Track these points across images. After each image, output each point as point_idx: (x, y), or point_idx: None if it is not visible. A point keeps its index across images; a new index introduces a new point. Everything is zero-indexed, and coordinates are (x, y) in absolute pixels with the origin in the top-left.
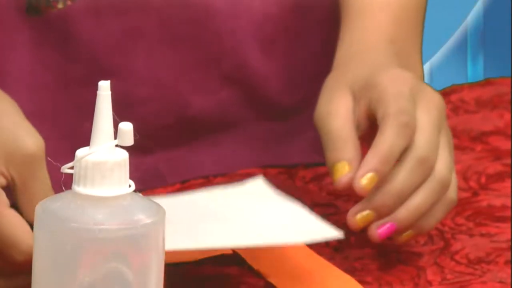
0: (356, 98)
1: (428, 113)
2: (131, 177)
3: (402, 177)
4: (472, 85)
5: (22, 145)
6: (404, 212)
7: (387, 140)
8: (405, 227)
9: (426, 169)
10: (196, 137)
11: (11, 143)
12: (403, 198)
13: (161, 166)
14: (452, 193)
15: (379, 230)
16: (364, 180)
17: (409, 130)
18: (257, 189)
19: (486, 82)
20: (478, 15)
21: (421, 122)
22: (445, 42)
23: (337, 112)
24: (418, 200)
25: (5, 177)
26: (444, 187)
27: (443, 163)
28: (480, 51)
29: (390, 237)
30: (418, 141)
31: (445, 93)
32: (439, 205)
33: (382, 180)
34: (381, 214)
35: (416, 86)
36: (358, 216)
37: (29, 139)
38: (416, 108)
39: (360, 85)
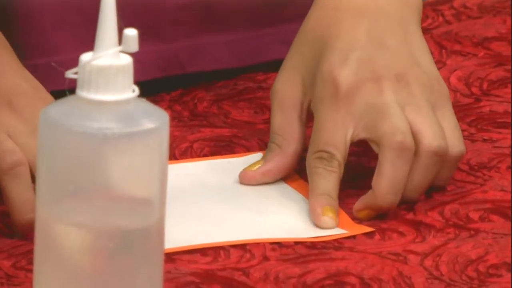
0: (305, 92)
1: (387, 93)
2: (151, 65)
3: (387, 169)
4: None
5: None
6: (409, 195)
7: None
8: (415, 200)
9: (407, 152)
10: (214, 25)
11: None
12: (398, 187)
13: (181, 54)
14: (456, 147)
15: None
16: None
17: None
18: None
19: None
20: None
21: (385, 106)
22: None
23: (283, 104)
24: (417, 179)
25: None
26: (439, 155)
27: (429, 134)
28: None
29: None
30: (388, 129)
31: None
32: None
33: None
34: (383, 208)
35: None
36: (361, 214)
37: None
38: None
39: (310, 78)
